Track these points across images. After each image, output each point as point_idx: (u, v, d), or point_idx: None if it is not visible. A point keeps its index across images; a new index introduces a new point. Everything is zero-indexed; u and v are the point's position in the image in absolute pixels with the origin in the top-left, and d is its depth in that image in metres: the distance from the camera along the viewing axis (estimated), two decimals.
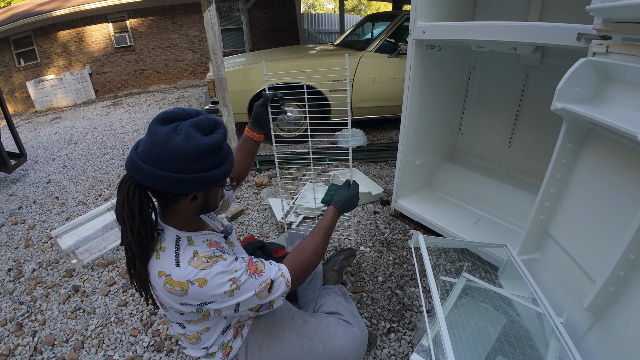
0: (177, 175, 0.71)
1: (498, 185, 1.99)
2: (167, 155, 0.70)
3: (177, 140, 0.70)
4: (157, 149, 0.70)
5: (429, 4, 1.65)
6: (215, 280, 0.76)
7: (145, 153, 0.71)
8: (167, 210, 0.82)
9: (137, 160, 0.71)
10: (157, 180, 0.71)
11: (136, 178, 0.72)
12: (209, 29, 2.37)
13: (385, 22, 3.82)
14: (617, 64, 0.93)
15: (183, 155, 0.70)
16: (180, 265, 0.76)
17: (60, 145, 4.33)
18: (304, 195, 2.33)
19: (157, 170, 0.70)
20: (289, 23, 8.59)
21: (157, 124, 0.72)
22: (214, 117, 0.78)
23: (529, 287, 1.12)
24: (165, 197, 0.77)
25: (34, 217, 2.53)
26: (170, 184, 0.72)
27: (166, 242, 0.80)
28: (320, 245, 0.97)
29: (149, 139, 0.71)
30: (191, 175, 0.72)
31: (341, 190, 1.12)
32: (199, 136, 0.72)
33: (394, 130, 3.89)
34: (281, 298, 0.86)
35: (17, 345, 1.44)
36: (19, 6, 8.70)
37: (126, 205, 0.74)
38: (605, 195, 0.98)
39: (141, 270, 0.78)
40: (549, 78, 1.78)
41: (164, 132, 0.71)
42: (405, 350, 1.31)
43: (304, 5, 19.16)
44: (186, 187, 0.73)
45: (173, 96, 7.12)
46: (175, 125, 0.72)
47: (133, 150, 0.74)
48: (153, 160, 0.70)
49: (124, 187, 0.75)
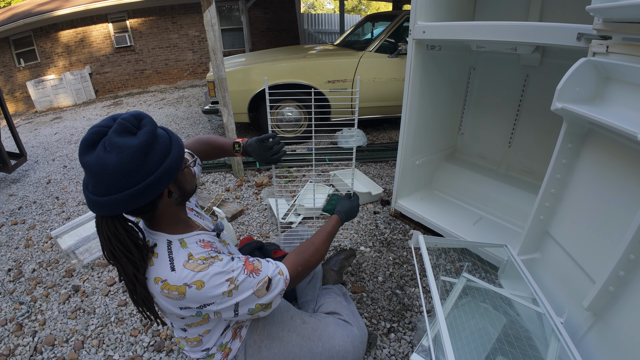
0: (138, 187, 0.68)
1: (498, 185, 1.99)
2: (115, 177, 0.66)
3: (113, 158, 0.65)
4: (102, 177, 0.66)
5: (429, 4, 1.65)
6: (212, 281, 0.76)
7: (96, 187, 0.68)
8: (153, 219, 0.81)
9: (95, 198, 0.68)
10: (125, 202, 0.68)
11: (105, 214, 0.70)
12: (209, 29, 2.37)
13: (385, 22, 3.82)
14: (617, 64, 0.93)
15: (128, 167, 0.66)
16: (176, 269, 0.75)
17: (61, 145, 4.34)
18: (303, 196, 2.34)
19: (118, 194, 0.67)
20: (289, 23, 8.59)
21: (84, 155, 0.68)
22: (131, 113, 0.73)
23: (529, 287, 1.12)
24: (145, 209, 0.76)
25: (34, 217, 2.53)
26: (138, 199, 0.69)
27: (158, 247, 0.79)
28: (321, 246, 0.98)
29: (89, 173, 0.68)
30: (150, 178, 0.69)
31: (343, 200, 1.15)
32: (130, 139, 0.67)
33: (394, 130, 3.89)
34: (279, 297, 0.86)
35: (17, 345, 1.44)
36: (19, 6, 8.70)
37: (115, 242, 0.72)
38: (605, 195, 0.98)
39: (144, 294, 0.77)
40: (549, 78, 1.78)
41: (95, 158, 0.66)
42: (405, 350, 1.31)
43: (304, 5, 19.16)
44: (154, 191, 0.71)
45: (173, 96, 7.12)
46: (101, 144, 0.67)
47: (86, 193, 0.70)
48: (107, 189, 0.67)
49: (103, 228, 0.72)
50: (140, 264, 0.74)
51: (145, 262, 0.75)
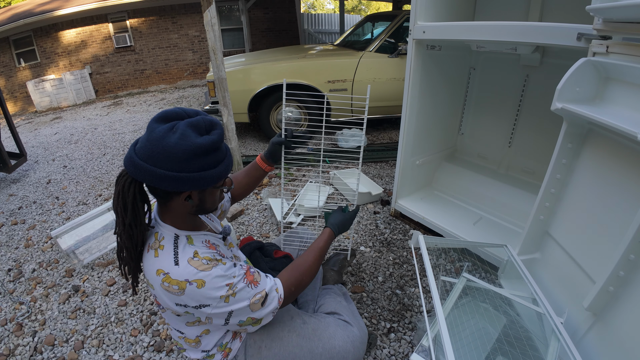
0: (170, 173, 0.72)
1: (498, 185, 1.99)
2: (161, 153, 0.71)
3: (172, 139, 0.71)
4: (153, 146, 0.71)
5: (429, 4, 1.65)
6: (213, 283, 0.76)
7: (142, 150, 0.72)
8: (163, 207, 0.83)
9: (134, 157, 0.73)
10: (151, 176, 0.72)
11: (131, 173, 0.74)
12: (209, 29, 2.37)
13: (385, 22, 3.82)
14: (617, 64, 0.93)
15: (176, 153, 0.71)
16: (180, 263, 0.76)
17: (60, 145, 4.33)
18: (304, 196, 2.34)
19: (151, 167, 0.71)
20: (289, 23, 8.59)
21: (156, 122, 0.74)
22: (211, 118, 0.78)
23: (529, 287, 1.12)
24: (159, 194, 0.78)
25: (34, 217, 2.53)
26: (163, 181, 0.72)
27: (165, 240, 0.80)
28: (314, 264, 0.98)
29: (147, 136, 0.73)
30: (184, 174, 0.73)
31: (336, 213, 1.16)
32: (194, 136, 0.73)
33: (394, 130, 3.89)
34: (271, 314, 0.87)
35: (17, 345, 1.44)
36: (19, 6, 8.70)
37: (120, 199, 0.76)
38: (605, 195, 0.98)
39: (129, 260, 0.81)
40: (549, 78, 1.78)
41: (160, 130, 0.72)
42: (405, 350, 1.31)
43: (304, 5, 19.16)
44: (179, 186, 0.74)
45: (173, 96, 7.12)
46: (172, 124, 0.73)
47: (132, 147, 0.76)
48: (148, 157, 0.71)
49: (121, 182, 0.77)
50: (131, 228, 0.78)
51: (134, 231, 0.78)
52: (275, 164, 1.25)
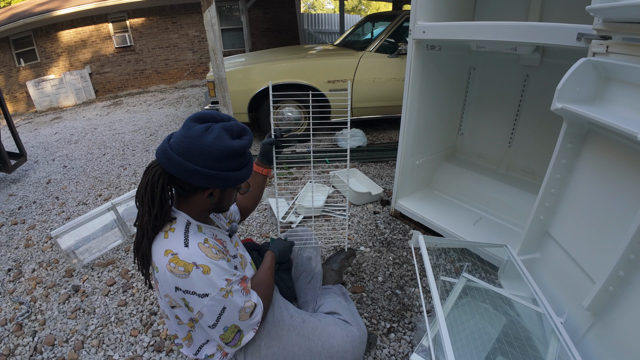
0: (201, 169, 0.77)
1: (498, 185, 1.99)
2: (197, 150, 0.76)
3: (209, 139, 0.77)
4: (189, 142, 0.77)
5: (429, 4, 1.65)
6: (217, 272, 0.80)
7: (177, 144, 0.78)
8: (182, 200, 0.86)
9: (168, 150, 0.78)
10: (183, 170, 0.77)
11: (164, 165, 0.78)
12: (209, 29, 2.37)
13: (385, 22, 3.82)
14: (617, 64, 0.93)
15: (211, 152, 0.77)
16: (189, 246, 0.79)
17: (60, 145, 4.33)
18: (303, 195, 2.34)
19: (185, 161, 0.76)
20: (289, 23, 8.58)
21: (193, 121, 0.80)
22: (242, 125, 0.86)
23: (529, 287, 1.12)
24: (185, 187, 0.82)
25: (34, 217, 2.53)
26: (193, 176, 0.77)
27: (176, 224, 0.84)
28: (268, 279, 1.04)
29: (184, 132, 0.78)
30: (214, 172, 0.78)
31: (278, 241, 1.25)
32: (228, 138, 0.79)
33: (394, 130, 3.89)
34: (252, 332, 0.90)
35: (17, 345, 1.44)
36: (19, 6, 8.69)
37: (149, 189, 0.79)
38: (605, 195, 0.98)
39: (146, 251, 0.82)
40: (549, 78, 1.78)
41: (198, 129, 0.78)
42: (405, 350, 1.31)
43: (304, 5, 19.16)
44: (207, 182, 0.79)
45: (173, 96, 7.12)
46: (207, 125, 0.79)
47: (165, 141, 0.80)
48: (183, 152, 0.77)
49: (151, 172, 0.80)
50: (156, 218, 0.80)
51: (158, 221, 0.81)
52: (270, 165, 1.27)
